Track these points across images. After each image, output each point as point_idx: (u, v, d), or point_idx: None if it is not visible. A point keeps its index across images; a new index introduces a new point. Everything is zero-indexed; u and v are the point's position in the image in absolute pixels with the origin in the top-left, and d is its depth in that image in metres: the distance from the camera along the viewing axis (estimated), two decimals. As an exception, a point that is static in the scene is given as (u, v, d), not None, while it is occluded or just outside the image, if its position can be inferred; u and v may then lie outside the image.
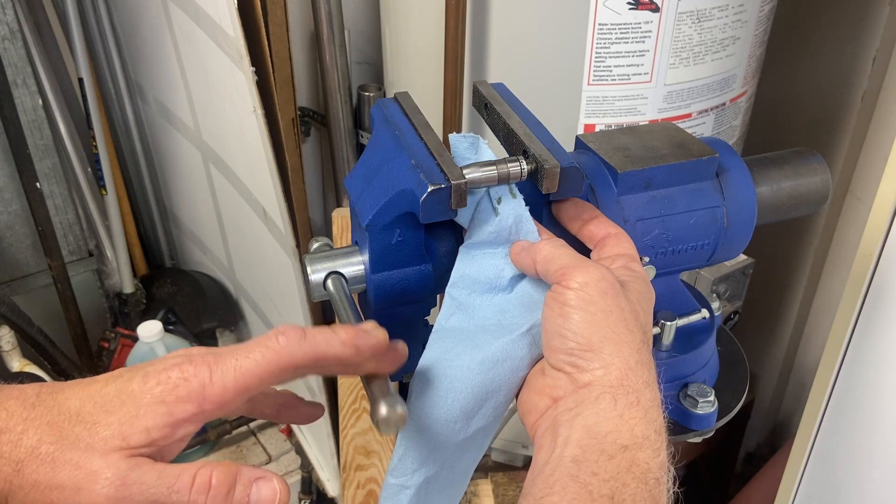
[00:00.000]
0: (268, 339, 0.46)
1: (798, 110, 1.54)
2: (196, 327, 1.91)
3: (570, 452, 0.46)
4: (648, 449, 0.47)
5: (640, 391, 0.48)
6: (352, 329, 0.49)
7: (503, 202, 0.56)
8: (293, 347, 0.46)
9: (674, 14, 1.00)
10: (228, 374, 0.45)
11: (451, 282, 0.57)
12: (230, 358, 0.45)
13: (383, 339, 0.51)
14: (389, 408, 0.48)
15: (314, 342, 0.47)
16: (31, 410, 0.44)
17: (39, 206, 1.63)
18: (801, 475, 0.91)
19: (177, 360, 0.46)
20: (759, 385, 1.82)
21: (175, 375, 0.44)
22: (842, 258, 1.53)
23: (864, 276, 0.76)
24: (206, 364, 0.45)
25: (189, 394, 0.44)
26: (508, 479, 1.56)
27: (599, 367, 0.48)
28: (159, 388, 0.44)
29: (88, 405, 0.44)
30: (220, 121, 1.50)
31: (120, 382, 0.45)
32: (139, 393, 0.44)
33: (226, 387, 0.45)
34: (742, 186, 0.69)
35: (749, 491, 1.65)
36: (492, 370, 0.53)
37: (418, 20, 1.22)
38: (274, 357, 0.46)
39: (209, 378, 0.45)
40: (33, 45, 1.64)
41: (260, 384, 0.46)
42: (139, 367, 0.46)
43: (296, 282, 1.49)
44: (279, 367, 0.46)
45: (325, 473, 1.76)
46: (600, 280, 0.50)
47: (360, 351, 0.49)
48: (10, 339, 1.58)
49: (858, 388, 0.82)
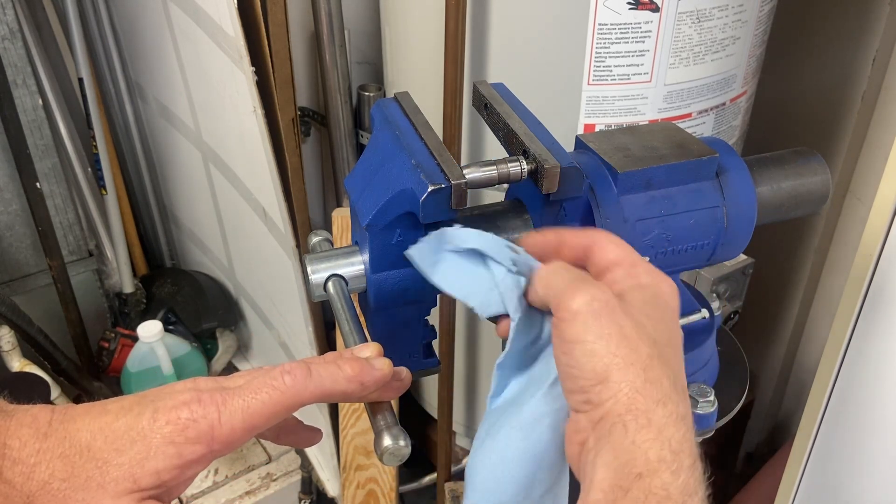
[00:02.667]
0: (273, 378, 0.47)
1: (798, 110, 1.54)
2: (196, 327, 1.91)
3: (593, 498, 0.44)
4: (665, 472, 0.43)
5: (651, 410, 0.45)
6: (357, 364, 0.49)
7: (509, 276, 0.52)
8: (299, 387, 0.47)
9: (674, 14, 1.00)
10: (237, 415, 0.46)
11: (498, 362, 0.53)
12: (238, 398, 0.46)
13: (388, 372, 0.51)
14: (393, 440, 0.49)
15: (320, 381, 0.48)
16: (43, 441, 0.44)
17: (39, 206, 1.62)
18: (801, 475, 0.91)
19: (185, 396, 0.46)
20: (759, 385, 1.82)
21: (185, 416, 0.45)
22: (842, 258, 1.53)
23: (864, 276, 0.76)
24: (214, 404, 0.45)
25: (198, 435, 0.45)
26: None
27: (608, 397, 0.45)
28: (169, 427, 0.45)
29: (99, 440, 0.44)
30: (220, 121, 1.50)
31: (130, 417, 0.45)
32: (149, 431, 0.44)
33: (234, 427, 0.46)
34: (742, 186, 0.69)
35: (749, 491, 1.65)
36: (533, 433, 0.51)
37: (418, 20, 1.22)
38: (280, 397, 0.47)
39: (218, 419, 0.45)
40: (33, 45, 1.64)
41: (267, 423, 0.47)
42: (149, 398, 0.47)
43: (296, 282, 1.49)
44: (285, 406, 0.47)
45: (325, 473, 1.76)
46: (591, 302, 0.47)
47: (365, 386, 0.50)
48: (10, 339, 1.58)
49: (858, 388, 0.82)
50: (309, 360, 0.50)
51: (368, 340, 0.56)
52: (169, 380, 1.67)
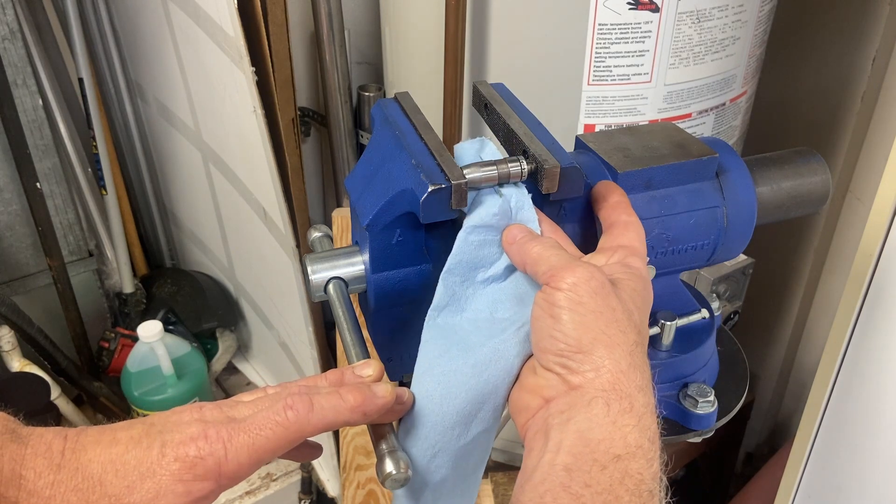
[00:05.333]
0: (276, 413, 0.48)
1: (798, 110, 1.54)
2: (196, 327, 1.91)
3: (562, 460, 0.45)
4: (642, 459, 0.46)
5: (634, 396, 0.47)
6: (359, 394, 0.50)
7: (506, 187, 0.56)
8: (302, 422, 0.48)
9: (674, 14, 1.00)
10: (243, 451, 0.47)
11: (447, 268, 0.56)
12: (243, 434, 0.47)
13: (390, 400, 0.51)
14: (395, 466, 0.50)
15: (322, 414, 0.49)
16: (57, 472, 0.45)
17: (39, 206, 1.62)
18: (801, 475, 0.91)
19: (193, 430, 0.47)
20: (759, 385, 1.82)
21: (192, 453, 0.46)
22: (842, 258, 1.53)
23: (864, 276, 0.76)
24: (221, 441, 0.47)
25: (206, 472, 0.46)
26: (508, 478, 1.56)
27: (590, 369, 0.47)
28: (177, 465, 0.46)
29: (110, 473, 0.46)
30: (220, 121, 1.50)
31: (139, 451, 0.46)
32: (158, 468, 0.46)
33: (240, 464, 0.47)
34: (742, 186, 0.69)
35: (749, 491, 1.65)
36: (485, 372, 0.53)
37: (418, 20, 1.22)
38: (284, 433, 0.48)
39: (224, 456, 0.47)
40: (33, 45, 1.64)
41: (272, 457, 0.49)
42: (157, 428, 0.48)
43: (296, 282, 1.49)
44: (289, 441, 0.48)
45: (325, 473, 1.76)
46: (590, 279, 0.49)
47: (367, 416, 0.51)
48: (10, 339, 1.58)
49: (858, 388, 0.82)
50: (312, 390, 0.50)
51: (369, 353, 0.57)
52: (169, 380, 1.67)
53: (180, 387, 1.68)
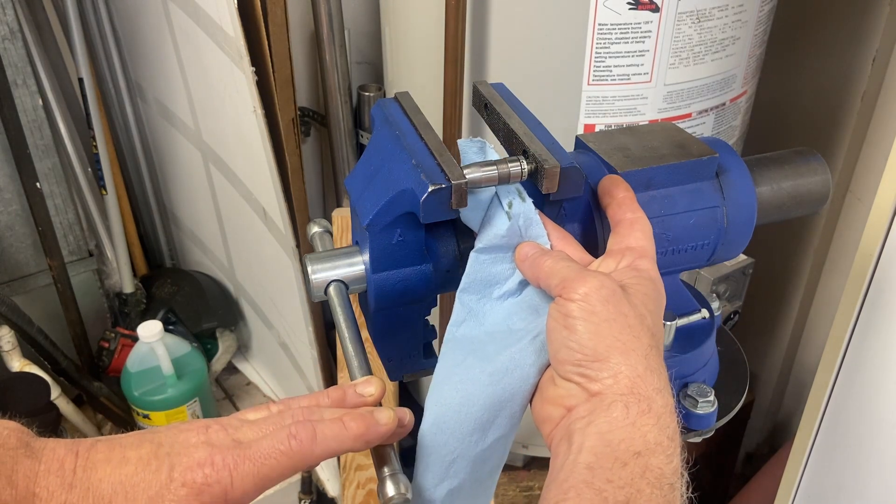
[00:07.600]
0: (280, 442, 0.49)
1: (798, 110, 1.54)
2: (196, 327, 1.91)
3: (584, 459, 0.46)
4: (662, 455, 0.47)
5: (652, 398, 0.48)
6: (362, 423, 0.51)
7: (514, 206, 0.56)
8: (305, 452, 0.49)
9: (674, 14, 1.00)
10: (248, 480, 0.48)
11: (462, 287, 0.57)
12: (249, 462, 0.48)
13: (392, 426, 0.52)
14: (396, 489, 0.50)
15: (325, 444, 0.50)
16: (69, 492, 0.46)
17: (39, 206, 1.62)
18: (801, 475, 0.91)
19: (200, 454, 0.48)
20: (759, 385, 1.82)
21: (199, 480, 0.47)
22: (842, 258, 1.53)
23: (864, 276, 0.76)
24: (227, 469, 0.48)
25: (212, 500, 0.47)
26: (508, 478, 1.56)
27: (608, 375, 0.49)
28: (184, 490, 0.47)
29: (120, 496, 0.46)
30: (220, 121, 1.50)
31: (148, 473, 0.47)
32: (166, 492, 0.47)
33: (245, 492, 0.48)
34: (742, 186, 0.69)
35: (749, 491, 1.65)
36: (502, 381, 0.54)
37: (418, 20, 1.22)
38: (288, 462, 0.49)
39: (231, 484, 0.48)
40: (33, 45, 1.64)
41: (276, 483, 0.50)
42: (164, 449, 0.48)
43: (296, 282, 1.49)
44: (293, 469, 0.50)
45: (325, 473, 1.76)
46: (600, 288, 0.50)
47: (370, 443, 0.52)
48: (10, 339, 1.58)
49: (858, 388, 0.82)
50: (315, 414, 0.51)
51: (369, 364, 0.57)
52: (169, 380, 1.67)
53: (180, 387, 1.69)
